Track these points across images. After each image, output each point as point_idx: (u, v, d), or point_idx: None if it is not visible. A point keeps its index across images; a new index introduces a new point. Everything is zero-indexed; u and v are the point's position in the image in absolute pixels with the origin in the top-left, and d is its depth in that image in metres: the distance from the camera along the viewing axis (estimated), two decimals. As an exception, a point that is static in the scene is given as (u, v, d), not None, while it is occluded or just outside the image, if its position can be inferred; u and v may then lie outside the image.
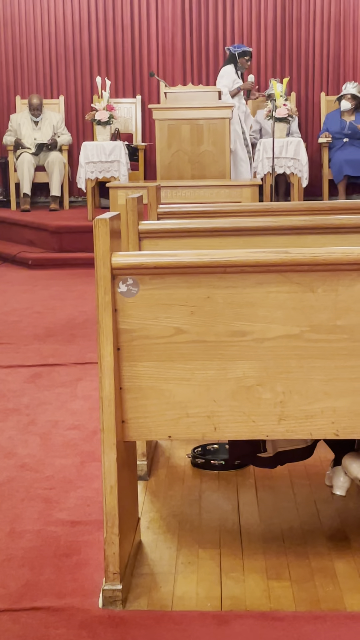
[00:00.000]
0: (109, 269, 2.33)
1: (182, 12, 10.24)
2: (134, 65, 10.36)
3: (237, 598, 2.42)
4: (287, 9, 10.23)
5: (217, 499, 3.08)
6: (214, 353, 2.39)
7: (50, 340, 5.38)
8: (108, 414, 2.37)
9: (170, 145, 8.55)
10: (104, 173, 8.46)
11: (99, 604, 2.39)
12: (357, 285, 2.34)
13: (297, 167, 8.36)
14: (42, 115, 9.73)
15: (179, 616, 2.33)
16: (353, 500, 3.01)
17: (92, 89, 10.16)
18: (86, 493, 3.11)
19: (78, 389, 4.36)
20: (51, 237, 8.41)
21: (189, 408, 2.42)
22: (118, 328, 2.38)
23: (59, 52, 10.34)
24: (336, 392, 2.39)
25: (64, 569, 2.58)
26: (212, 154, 8.56)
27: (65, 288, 7.09)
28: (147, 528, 2.86)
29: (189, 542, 2.75)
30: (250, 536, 2.78)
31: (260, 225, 3.42)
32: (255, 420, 2.42)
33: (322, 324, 2.36)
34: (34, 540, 2.76)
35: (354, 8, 10.22)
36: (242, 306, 2.36)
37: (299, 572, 2.55)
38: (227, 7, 10.24)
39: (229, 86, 8.84)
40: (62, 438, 3.67)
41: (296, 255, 2.32)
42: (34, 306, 6.43)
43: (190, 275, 2.36)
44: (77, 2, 10.26)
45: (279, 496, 3.07)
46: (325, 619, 2.30)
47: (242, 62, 9.00)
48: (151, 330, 2.39)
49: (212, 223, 3.47)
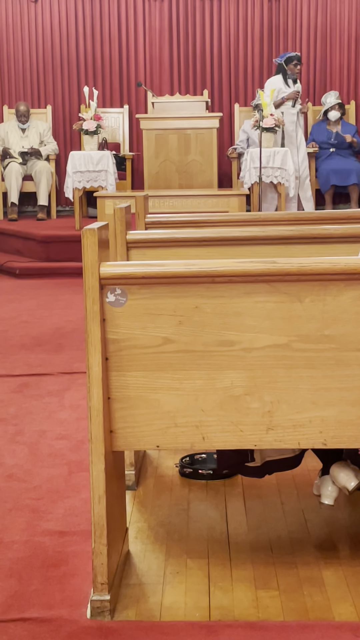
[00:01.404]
0: (97, 279, 2.34)
1: (169, 22, 10.28)
2: (121, 75, 10.38)
3: (225, 608, 2.42)
4: (273, 19, 10.28)
5: (205, 509, 3.08)
6: (202, 363, 2.39)
7: (38, 349, 5.38)
8: (96, 423, 2.37)
9: (158, 154, 8.58)
10: (91, 182, 8.46)
11: (87, 615, 2.38)
12: (345, 295, 2.35)
13: (284, 176, 8.39)
14: (29, 123, 9.74)
15: (167, 626, 2.33)
16: (341, 509, 3.02)
17: (79, 99, 10.17)
18: (74, 503, 3.10)
19: (66, 398, 4.36)
20: (39, 246, 8.40)
21: (177, 418, 2.42)
22: (106, 338, 2.38)
23: (46, 61, 10.35)
24: (324, 401, 2.39)
25: (52, 580, 2.57)
26: (200, 163, 8.59)
27: (53, 297, 7.09)
28: (135, 538, 2.86)
29: (177, 552, 2.75)
30: (238, 546, 2.79)
31: (247, 235, 3.43)
32: (243, 430, 2.42)
33: (309, 333, 2.37)
34: (21, 550, 2.75)
35: (339, 19, 10.28)
36: (230, 316, 2.37)
37: (287, 582, 2.55)
38: (214, 17, 10.28)
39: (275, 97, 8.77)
40: (50, 448, 3.67)
41: (283, 265, 2.33)
42: (21, 315, 6.42)
43: (178, 285, 2.36)
44: (65, 12, 10.28)
45: (267, 505, 3.08)
46: (314, 629, 2.30)
47: (291, 69, 8.86)
48: (139, 340, 2.39)
49: (199, 233, 3.48)
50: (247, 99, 10.24)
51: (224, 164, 9.75)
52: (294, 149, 8.82)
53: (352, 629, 2.29)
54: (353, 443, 2.45)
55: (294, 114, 8.90)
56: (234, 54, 10.34)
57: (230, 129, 10.27)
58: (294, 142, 8.86)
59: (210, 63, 10.36)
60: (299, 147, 8.89)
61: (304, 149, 8.99)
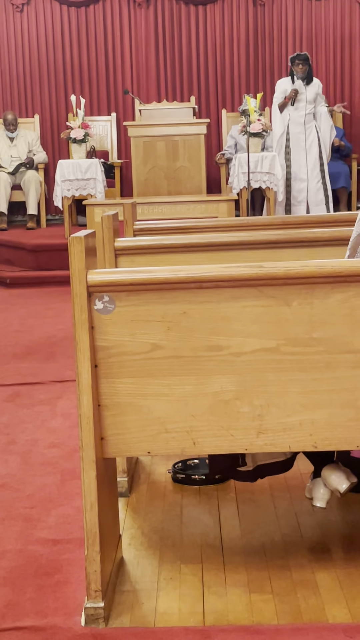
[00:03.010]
0: (85, 286, 2.34)
1: (155, 29, 10.31)
2: (108, 83, 10.40)
3: (219, 612, 2.43)
4: (259, 25, 10.32)
5: (199, 514, 3.09)
6: (191, 368, 2.40)
7: (29, 358, 5.37)
8: (87, 431, 2.37)
9: (146, 162, 8.59)
10: (80, 191, 8.47)
11: (81, 622, 2.38)
12: (332, 297, 2.36)
13: (273, 181, 8.41)
14: (18, 132, 9.75)
15: (161, 632, 2.33)
16: (333, 512, 3.03)
17: (67, 107, 10.19)
18: (67, 511, 3.10)
19: (58, 407, 4.36)
20: (29, 255, 8.40)
21: (167, 423, 2.42)
22: (95, 345, 2.39)
23: (33, 70, 10.37)
24: (314, 404, 2.40)
25: (45, 588, 2.57)
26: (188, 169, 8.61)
27: (44, 306, 7.09)
28: (128, 545, 2.86)
29: (170, 557, 2.76)
30: (231, 550, 2.79)
31: (235, 240, 3.45)
32: (234, 434, 2.43)
33: (297, 337, 2.38)
34: (15, 559, 2.75)
35: (324, 24, 10.33)
36: (218, 321, 2.38)
37: (280, 585, 2.55)
38: (200, 24, 10.31)
39: (279, 98, 8.72)
40: (42, 457, 3.67)
41: (270, 269, 2.34)
42: (12, 325, 6.42)
43: (165, 291, 2.37)
44: (51, 21, 10.30)
45: (260, 509, 3.08)
46: (308, 631, 2.30)
47: (296, 70, 8.67)
48: (128, 347, 2.39)
49: (188, 239, 3.49)
50: (234, 105, 10.28)
51: (212, 170, 9.77)
52: (302, 152, 8.68)
53: (345, 631, 2.29)
54: (343, 445, 2.45)
55: (302, 115, 8.69)
56: (220, 60, 10.37)
57: (217, 135, 10.30)
58: (302, 145, 8.68)
59: (197, 69, 10.39)
60: (308, 150, 8.72)
61: (315, 152, 8.73)
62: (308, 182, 8.71)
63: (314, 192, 8.74)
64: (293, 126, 8.73)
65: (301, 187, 8.70)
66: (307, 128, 8.75)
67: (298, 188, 8.71)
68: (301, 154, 8.69)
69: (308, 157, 8.73)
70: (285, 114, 8.71)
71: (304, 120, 8.73)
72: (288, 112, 8.72)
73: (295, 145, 8.72)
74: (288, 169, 8.75)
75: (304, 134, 8.74)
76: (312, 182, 8.73)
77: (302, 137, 8.74)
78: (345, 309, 2.36)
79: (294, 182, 8.72)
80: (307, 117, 8.75)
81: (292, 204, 8.77)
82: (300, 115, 8.73)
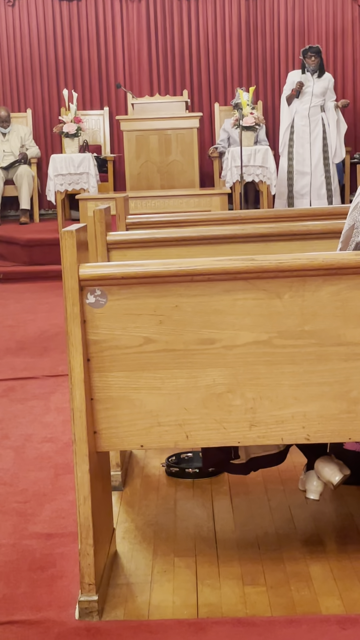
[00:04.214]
0: (77, 280, 2.34)
1: (147, 23, 10.29)
2: (100, 77, 10.38)
3: (213, 605, 2.43)
4: (251, 18, 10.31)
5: (192, 507, 3.09)
6: (184, 361, 2.40)
7: (23, 353, 5.37)
8: (79, 425, 2.37)
9: (139, 156, 8.58)
10: (73, 185, 8.46)
11: (75, 616, 2.39)
12: (323, 290, 2.36)
13: (266, 174, 8.40)
14: (11, 127, 9.73)
15: (155, 625, 2.33)
16: (327, 504, 3.03)
17: (59, 102, 10.17)
18: (61, 505, 3.10)
19: (51, 401, 4.36)
20: (22, 250, 8.39)
21: (160, 417, 2.43)
22: (87, 339, 2.39)
23: (25, 65, 10.34)
24: (306, 396, 2.41)
25: (39, 582, 2.57)
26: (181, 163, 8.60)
27: (37, 301, 7.08)
28: (122, 538, 2.86)
29: (164, 550, 2.76)
30: (225, 543, 2.79)
31: (227, 233, 3.45)
32: (226, 427, 2.43)
33: (289, 329, 2.38)
34: (9, 554, 2.75)
35: (317, 16, 10.32)
36: (210, 314, 2.38)
37: (274, 577, 2.56)
38: (192, 17, 10.30)
39: (287, 90, 8.71)
40: (36, 451, 3.67)
41: (261, 262, 2.34)
42: (6, 320, 6.41)
43: (157, 285, 2.37)
44: (42, 15, 10.28)
45: (254, 502, 3.09)
46: (301, 623, 2.31)
47: (308, 62, 8.64)
48: (120, 341, 2.39)
49: (180, 232, 3.48)
50: (227, 98, 10.27)
51: (205, 164, 9.77)
52: (306, 145, 8.63)
53: (338, 622, 2.30)
54: (336, 437, 2.46)
55: (306, 108, 8.65)
56: (213, 54, 10.36)
57: (210, 129, 10.29)
58: (306, 138, 8.64)
59: (189, 63, 10.38)
60: (312, 143, 8.67)
61: (319, 146, 8.70)
62: (311, 176, 8.69)
63: (317, 186, 8.69)
64: (298, 119, 8.70)
65: (304, 181, 8.65)
66: (312, 121, 8.68)
67: (301, 182, 8.67)
68: (305, 147, 8.66)
69: (312, 150, 8.68)
70: (292, 107, 8.69)
71: (309, 113, 8.67)
72: (295, 105, 8.70)
73: (300, 138, 8.68)
74: (290, 162, 8.72)
75: (308, 127, 8.68)
76: (315, 176, 8.68)
77: (307, 130, 8.69)
78: (337, 301, 2.36)
79: (296, 176, 8.69)
80: (312, 110, 8.68)
81: (294, 197, 8.73)
82: (305, 108, 8.68)
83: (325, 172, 8.70)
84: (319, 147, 8.70)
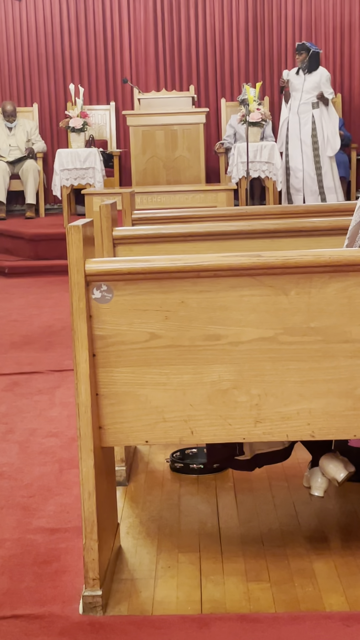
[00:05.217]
0: (83, 275, 2.34)
1: (154, 18, 10.27)
2: (107, 72, 10.37)
3: (217, 601, 2.43)
4: (258, 13, 10.28)
5: (197, 503, 3.09)
6: (189, 357, 2.40)
7: (28, 348, 5.38)
8: (85, 420, 2.37)
9: (145, 151, 8.57)
10: (79, 180, 8.45)
11: (79, 611, 2.39)
12: (329, 287, 2.36)
13: (272, 170, 8.40)
14: (17, 121, 9.73)
15: (159, 621, 2.33)
16: (331, 501, 3.03)
17: (65, 96, 10.16)
18: (65, 500, 3.11)
19: (56, 396, 4.36)
20: (27, 244, 8.40)
21: (165, 413, 2.43)
22: (93, 334, 2.39)
23: (31, 60, 10.34)
24: (311, 393, 2.40)
25: (44, 577, 2.58)
26: (187, 159, 8.59)
27: (42, 296, 7.08)
28: (126, 533, 2.86)
29: (168, 546, 2.76)
30: (229, 539, 2.80)
31: (234, 229, 3.44)
32: (231, 423, 2.43)
33: (295, 326, 2.38)
34: (13, 548, 2.76)
35: (324, 12, 10.29)
36: (216, 310, 2.37)
37: (278, 574, 2.56)
38: (199, 12, 10.28)
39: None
40: (41, 446, 3.67)
41: (268, 258, 2.33)
42: (11, 314, 6.42)
43: (163, 281, 2.37)
44: (49, 10, 10.27)
45: (258, 498, 3.09)
46: (305, 620, 2.31)
47: (296, 60, 8.79)
48: (126, 336, 2.39)
49: (186, 228, 3.48)
50: (234, 94, 10.25)
51: (211, 159, 9.75)
52: (297, 141, 8.70)
53: (342, 619, 2.30)
54: (341, 434, 2.46)
55: (296, 105, 8.73)
56: (220, 49, 10.34)
57: (217, 124, 10.27)
58: (297, 134, 8.72)
59: (196, 58, 10.36)
60: (303, 140, 8.70)
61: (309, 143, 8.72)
62: (304, 172, 8.73)
63: (309, 182, 8.76)
64: (291, 115, 8.81)
65: (298, 177, 8.75)
66: (302, 118, 8.76)
67: (295, 177, 8.77)
68: (296, 143, 8.74)
69: (303, 147, 8.74)
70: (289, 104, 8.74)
71: (298, 110, 8.76)
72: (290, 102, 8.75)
73: (292, 134, 8.77)
74: (287, 157, 8.79)
75: (298, 123, 8.77)
76: (307, 172, 8.74)
77: (297, 127, 8.77)
78: (343, 298, 2.36)
79: (292, 172, 8.78)
80: (302, 107, 8.75)
81: (291, 192, 8.81)
82: (295, 105, 8.77)
83: (316, 169, 8.76)
84: (308, 144, 8.76)
